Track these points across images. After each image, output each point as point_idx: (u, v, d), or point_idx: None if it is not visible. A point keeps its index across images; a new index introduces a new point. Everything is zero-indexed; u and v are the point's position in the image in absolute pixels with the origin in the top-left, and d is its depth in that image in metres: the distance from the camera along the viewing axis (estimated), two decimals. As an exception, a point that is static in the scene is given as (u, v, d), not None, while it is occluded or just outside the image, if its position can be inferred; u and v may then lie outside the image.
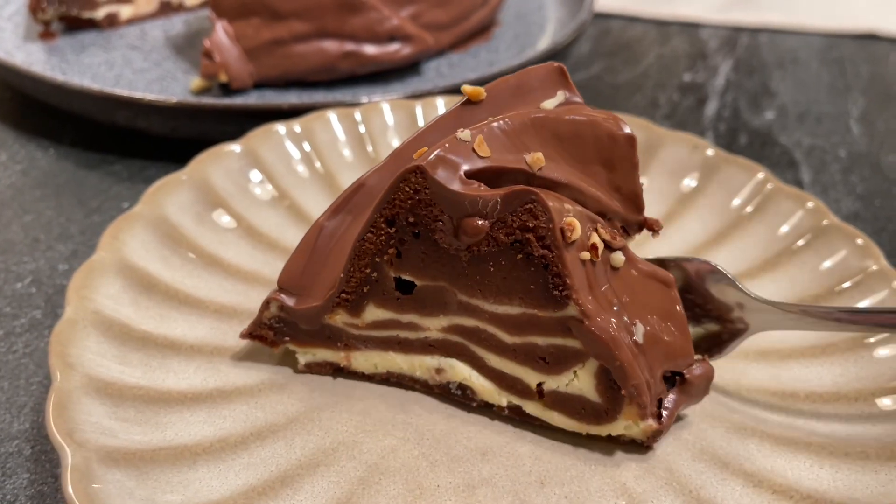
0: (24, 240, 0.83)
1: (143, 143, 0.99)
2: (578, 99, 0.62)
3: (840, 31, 1.46)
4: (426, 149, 0.55)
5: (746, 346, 0.66)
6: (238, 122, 0.91)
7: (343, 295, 0.59)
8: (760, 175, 0.80)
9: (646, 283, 0.57)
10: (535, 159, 0.54)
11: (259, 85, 1.05)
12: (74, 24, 1.19)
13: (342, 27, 1.02)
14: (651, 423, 0.56)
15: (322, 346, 0.62)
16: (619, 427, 0.57)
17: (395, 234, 0.55)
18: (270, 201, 0.79)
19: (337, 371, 0.63)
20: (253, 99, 1.03)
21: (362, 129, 0.87)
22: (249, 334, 0.63)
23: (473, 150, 0.53)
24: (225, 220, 0.75)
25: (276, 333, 0.62)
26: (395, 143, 0.87)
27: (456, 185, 0.51)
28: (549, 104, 0.60)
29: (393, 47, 1.06)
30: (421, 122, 0.89)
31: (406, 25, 1.06)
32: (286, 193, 0.80)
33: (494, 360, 0.59)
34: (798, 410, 0.61)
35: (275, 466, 0.55)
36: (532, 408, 0.59)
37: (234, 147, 0.80)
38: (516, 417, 0.60)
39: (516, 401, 0.59)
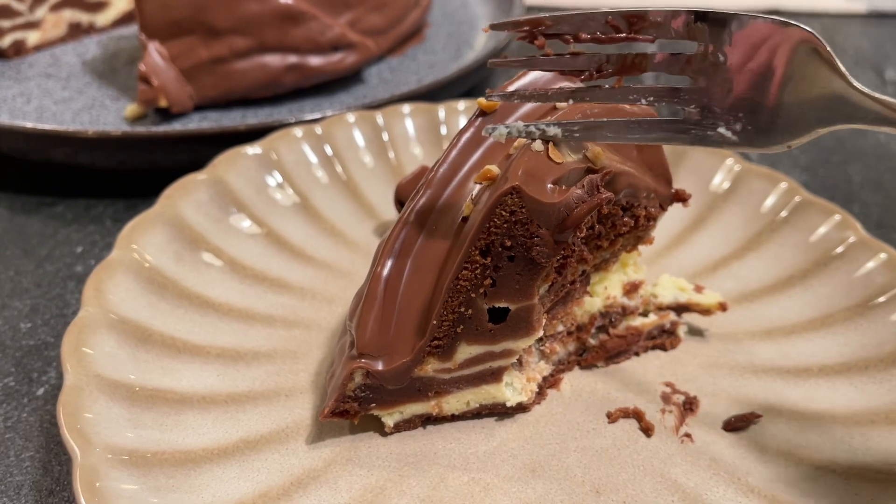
0: (-29, 300, 0.75)
1: (81, 179, 0.92)
2: None
3: (744, 8, 1.53)
4: (492, 168, 0.53)
5: (752, 326, 0.69)
6: (191, 149, 0.86)
7: (435, 342, 0.55)
8: (729, 160, 0.82)
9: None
10: (595, 154, 0.54)
11: (199, 106, 1.00)
12: (-24, 56, 1.09)
13: (284, 40, 0.98)
14: None
15: (411, 401, 0.58)
16: None
17: (491, 262, 0.52)
18: (249, 232, 0.75)
19: (426, 421, 0.60)
20: (194, 122, 0.98)
21: (328, 150, 0.83)
22: (333, 412, 0.56)
23: (550, 158, 0.51)
24: (207, 257, 0.71)
25: (360, 403, 0.57)
26: (367, 159, 0.85)
27: (549, 197, 0.50)
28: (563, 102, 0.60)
29: (337, 57, 1.03)
30: (385, 136, 0.86)
31: (348, 33, 1.03)
32: (263, 222, 0.76)
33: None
34: (815, 385, 0.63)
35: (325, 515, 0.52)
36: None
37: (201, 176, 0.75)
38: None
39: None
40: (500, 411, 0.60)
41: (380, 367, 0.55)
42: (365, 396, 0.57)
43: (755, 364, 0.65)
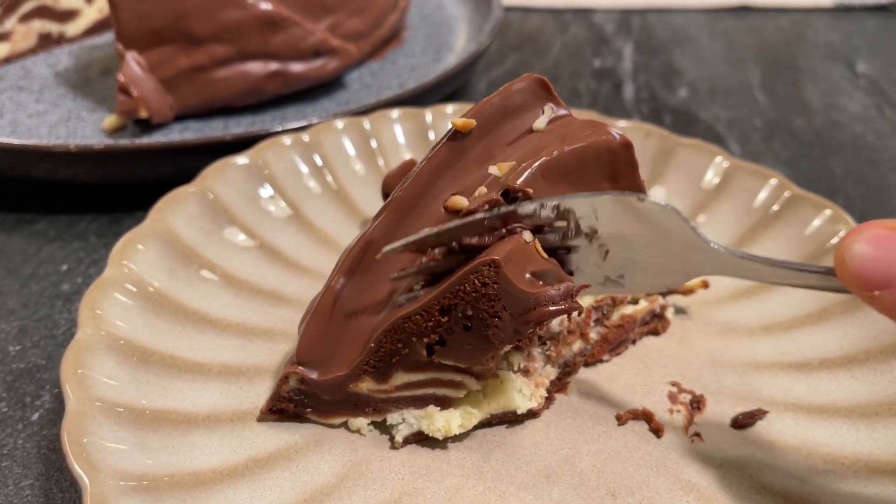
0: (-45, 324, 0.72)
1: (61, 194, 0.90)
2: (564, 111, 0.61)
3: (717, 5, 1.55)
4: (458, 199, 0.54)
5: (751, 322, 0.69)
6: (176, 161, 0.85)
7: (371, 362, 0.55)
8: (718, 157, 0.83)
9: None
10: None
11: (180, 116, 0.98)
12: (-56, 70, 1.06)
13: (265, 47, 0.97)
14: None
15: (348, 414, 0.58)
16: None
17: (446, 323, 0.52)
18: (243, 245, 0.74)
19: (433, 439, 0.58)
20: (176, 132, 0.96)
21: (318, 158, 0.82)
22: (270, 410, 0.58)
23: (537, 251, 0.52)
24: (201, 272, 0.69)
25: (296, 405, 0.58)
26: (357, 166, 0.84)
27: (524, 284, 0.50)
28: (539, 124, 0.59)
29: (319, 62, 1.02)
30: (374, 143, 0.86)
31: (329, 38, 1.02)
32: (255, 234, 0.75)
33: None
34: (817, 378, 0.64)
35: (341, 532, 0.51)
36: None
37: (190, 189, 0.74)
38: None
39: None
40: (511, 419, 0.60)
41: (315, 376, 0.56)
42: (300, 400, 0.58)
43: (757, 360, 0.66)
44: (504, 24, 1.44)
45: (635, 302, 0.68)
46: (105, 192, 0.89)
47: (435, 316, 0.52)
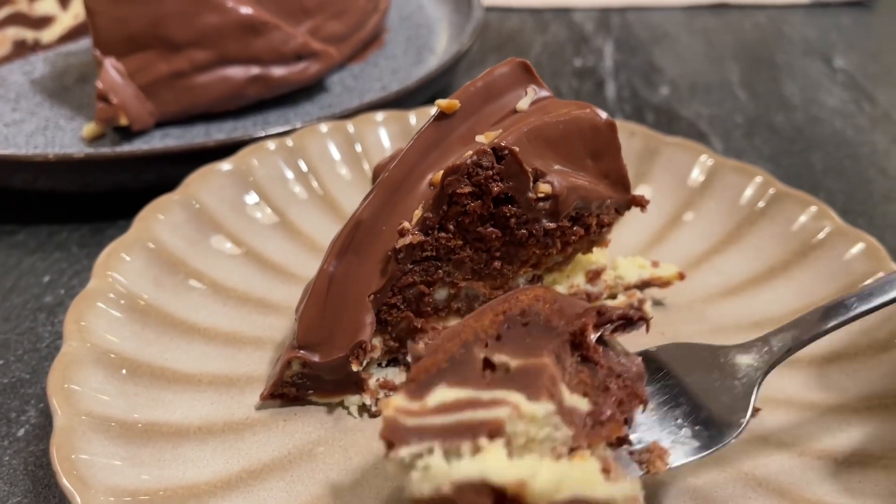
0: (-66, 339, 0.71)
1: (41, 204, 0.88)
2: (546, 92, 0.62)
3: (695, 3, 1.56)
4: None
5: (740, 319, 0.70)
6: (158, 168, 0.83)
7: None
8: (703, 156, 0.83)
9: None
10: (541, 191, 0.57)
11: (160, 123, 0.96)
12: (-84, 79, 1.03)
13: (246, 51, 0.96)
14: None
15: (347, 393, 0.60)
16: None
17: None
18: (229, 253, 0.73)
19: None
20: (156, 139, 0.94)
21: (302, 163, 0.82)
22: (271, 395, 0.59)
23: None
24: (188, 281, 0.68)
25: (298, 389, 0.60)
26: (344, 171, 0.83)
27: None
28: (523, 104, 0.60)
29: (300, 66, 1.01)
30: (359, 148, 0.85)
31: (310, 42, 1.01)
32: (241, 241, 0.74)
33: None
34: (808, 375, 0.64)
35: (338, 542, 0.51)
36: None
37: (174, 197, 0.73)
38: None
39: None
40: None
41: (317, 359, 0.57)
42: (302, 383, 0.59)
43: (748, 357, 0.66)
44: (483, 24, 1.44)
45: (613, 297, 0.68)
46: (86, 201, 0.88)
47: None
